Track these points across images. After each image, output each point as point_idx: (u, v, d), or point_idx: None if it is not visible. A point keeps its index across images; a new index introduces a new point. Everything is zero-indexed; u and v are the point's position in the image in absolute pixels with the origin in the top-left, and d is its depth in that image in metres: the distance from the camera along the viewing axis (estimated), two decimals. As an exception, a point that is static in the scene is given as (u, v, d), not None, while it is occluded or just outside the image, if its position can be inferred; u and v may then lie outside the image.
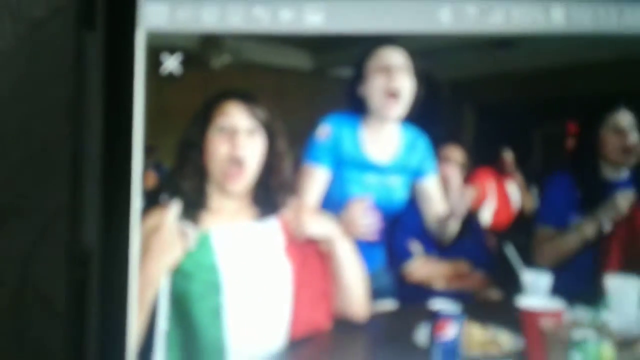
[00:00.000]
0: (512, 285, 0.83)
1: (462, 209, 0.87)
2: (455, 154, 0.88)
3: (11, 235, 0.88)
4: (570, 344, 0.73)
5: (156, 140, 0.78)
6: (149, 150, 0.76)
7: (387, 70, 0.86)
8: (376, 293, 0.84)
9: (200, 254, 0.78)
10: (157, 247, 0.76)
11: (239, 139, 0.81)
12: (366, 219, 0.85)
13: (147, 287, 0.75)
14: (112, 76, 0.76)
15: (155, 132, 0.77)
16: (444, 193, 0.89)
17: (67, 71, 0.77)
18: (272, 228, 0.83)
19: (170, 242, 0.77)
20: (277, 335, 0.80)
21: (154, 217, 0.78)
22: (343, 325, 0.82)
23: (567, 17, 0.78)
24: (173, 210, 0.78)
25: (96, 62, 0.76)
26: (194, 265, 0.78)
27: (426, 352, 0.76)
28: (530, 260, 0.84)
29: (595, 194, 0.87)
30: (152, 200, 0.78)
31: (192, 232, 0.78)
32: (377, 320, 0.83)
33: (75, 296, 0.73)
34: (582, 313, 0.79)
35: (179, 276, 0.77)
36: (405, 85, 0.86)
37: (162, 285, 0.77)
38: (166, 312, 0.77)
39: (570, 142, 0.85)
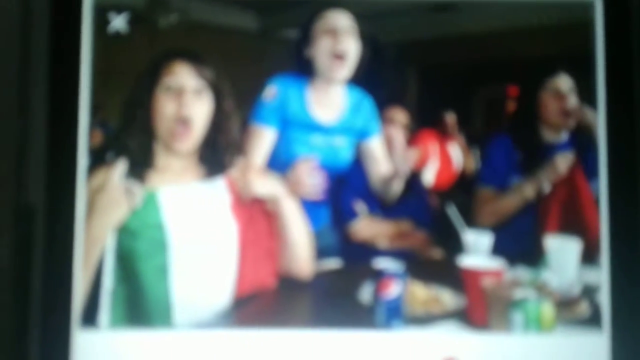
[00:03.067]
0: (454, 245, 0.84)
1: (405, 169, 0.89)
2: (399, 116, 0.89)
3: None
4: (511, 303, 0.75)
5: (102, 99, 0.78)
6: (95, 108, 0.77)
7: (334, 33, 0.87)
8: (321, 252, 0.85)
9: (147, 212, 0.79)
10: (102, 205, 0.77)
11: (186, 99, 0.81)
12: (312, 179, 0.86)
13: (92, 245, 0.76)
14: (59, 35, 0.77)
15: (102, 91, 0.77)
16: (388, 154, 0.91)
17: (14, 31, 0.77)
18: (219, 187, 0.83)
19: (116, 200, 0.77)
20: (223, 293, 0.80)
21: (100, 175, 0.78)
22: (288, 284, 0.83)
23: (510, -18, 0.81)
24: (119, 168, 0.78)
25: (42, 21, 0.76)
26: (140, 223, 0.78)
27: (370, 310, 0.77)
28: (471, 221, 0.86)
29: (535, 155, 0.89)
30: (98, 159, 0.78)
31: (138, 191, 0.79)
32: (321, 278, 0.84)
33: (19, 253, 0.74)
34: (522, 273, 0.81)
35: (125, 234, 0.77)
36: (351, 48, 0.87)
37: (108, 244, 0.77)
38: (112, 270, 0.77)
39: (511, 105, 0.86)
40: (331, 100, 0.90)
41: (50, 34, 0.77)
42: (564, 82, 0.87)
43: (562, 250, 0.82)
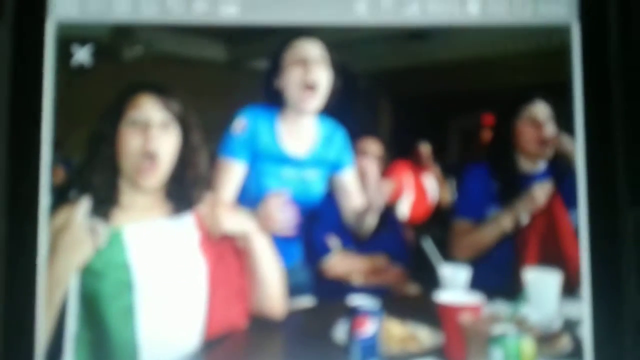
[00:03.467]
0: (431, 280, 0.83)
1: (379, 202, 0.88)
2: (372, 147, 0.89)
3: None
4: (490, 339, 0.73)
5: (65, 134, 0.77)
6: (57, 144, 0.75)
7: (304, 63, 0.86)
8: (294, 290, 0.83)
9: (112, 252, 0.77)
10: (65, 245, 0.75)
11: (152, 133, 0.79)
12: (283, 214, 0.85)
13: (55, 286, 0.74)
14: (21, 68, 0.75)
15: (65, 126, 0.76)
16: (362, 186, 0.90)
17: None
18: (187, 224, 0.81)
19: (79, 240, 0.76)
20: (192, 335, 0.78)
21: (63, 214, 0.76)
22: (260, 324, 0.81)
23: (483, 9, 0.79)
24: (82, 206, 0.77)
25: (3, 53, 0.74)
26: (105, 263, 0.76)
27: (345, 349, 0.76)
28: (448, 254, 0.85)
29: (512, 185, 0.88)
30: (60, 197, 0.77)
31: (102, 229, 0.77)
32: (294, 317, 0.83)
33: (-21, 296, 0.72)
34: (501, 307, 0.79)
35: (89, 275, 0.76)
36: (322, 78, 0.86)
37: (72, 285, 0.75)
38: (76, 312, 0.75)
39: (487, 134, 0.86)
40: (302, 132, 0.89)
41: (11, 67, 0.75)
42: (541, 110, 0.87)
43: (541, 283, 0.81)
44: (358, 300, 0.78)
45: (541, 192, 0.86)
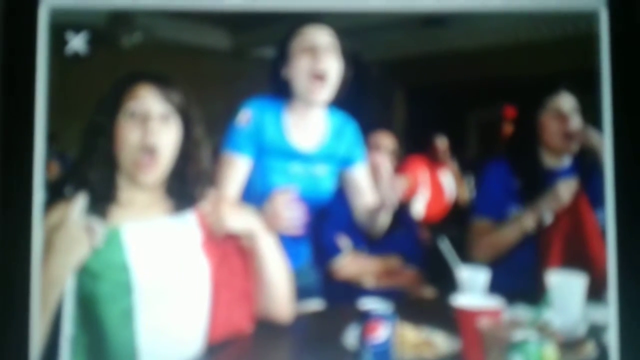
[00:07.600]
0: (447, 282, 0.83)
1: (393, 199, 0.87)
2: (386, 141, 0.89)
3: None
4: (510, 345, 0.72)
5: (60, 127, 0.77)
6: (52, 137, 0.76)
7: (313, 51, 0.85)
8: (302, 292, 0.83)
9: (109, 252, 0.77)
10: (61, 245, 0.75)
11: (152, 125, 0.78)
12: (290, 212, 0.84)
13: (51, 287, 0.74)
14: (12, 56, 0.75)
15: (59, 118, 0.76)
16: (374, 183, 0.89)
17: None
18: (189, 223, 0.81)
19: (75, 239, 0.75)
20: (194, 340, 0.78)
21: (58, 211, 0.76)
22: (266, 328, 0.81)
23: (505, -6, 0.79)
24: (78, 203, 0.76)
25: None
26: (103, 264, 0.76)
27: (356, 355, 0.75)
28: (466, 255, 0.85)
29: (535, 182, 0.88)
30: (55, 193, 0.77)
31: (99, 228, 0.76)
32: (302, 321, 0.83)
33: (-29, 297, 0.72)
34: (522, 312, 0.79)
35: (86, 276, 0.75)
36: (332, 67, 0.86)
37: (68, 286, 0.75)
38: (72, 315, 0.75)
39: (508, 128, 0.86)
40: (311, 124, 0.89)
41: (2, 55, 0.75)
42: (566, 101, 0.86)
43: (565, 287, 0.80)
44: (370, 304, 0.78)
45: (566, 189, 0.86)
